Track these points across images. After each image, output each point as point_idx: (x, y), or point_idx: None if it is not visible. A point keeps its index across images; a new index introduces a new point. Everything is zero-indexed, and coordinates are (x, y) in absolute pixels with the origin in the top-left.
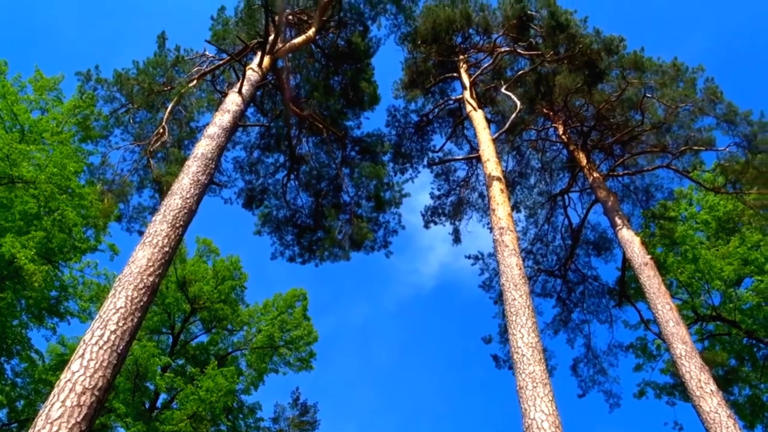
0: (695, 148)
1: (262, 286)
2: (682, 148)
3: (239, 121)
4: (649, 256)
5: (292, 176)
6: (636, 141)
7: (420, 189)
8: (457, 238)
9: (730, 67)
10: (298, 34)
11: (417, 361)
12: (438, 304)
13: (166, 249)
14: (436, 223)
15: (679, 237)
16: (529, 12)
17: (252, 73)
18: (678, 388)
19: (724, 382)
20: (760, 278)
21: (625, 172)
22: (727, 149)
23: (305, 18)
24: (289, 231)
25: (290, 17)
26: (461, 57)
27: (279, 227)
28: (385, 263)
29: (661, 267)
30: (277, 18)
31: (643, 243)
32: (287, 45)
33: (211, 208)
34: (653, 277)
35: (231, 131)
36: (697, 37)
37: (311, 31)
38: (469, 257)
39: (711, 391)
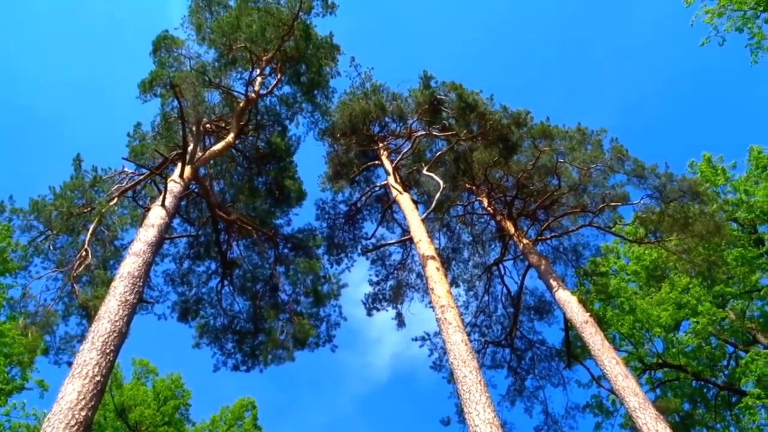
0: (612, 204)
1: (210, 400)
2: (601, 206)
3: (165, 234)
4: (588, 314)
5: (225, 282)
6: (557, 204)
7: (360, 278)
8: (401, 321)
9: (635, 127)
10: (217, 141)
11: None
12: (395, 395)
13: (98, 378)
14: (378, 310)
15: (613, 291)
16: (438, 96)
17: (174, 185)
18: None
19: (683, 428)
20: (695, 320)
21: (552, 234)
22: (642, 202)
23: (223, 125)
24: (229, 339)
25: (208, 125)
26: (381, 144)
27: (218, 336)
28: (335, 362)
29: (602, 322)
30: (194, 128)
31: (580, 301)
32: (207, 153)
33: (144, 326)
34: (595, 333)
35: (157, 246)
36: (604, 103)
37: (230, 137)
38: (416, 339)
39: None
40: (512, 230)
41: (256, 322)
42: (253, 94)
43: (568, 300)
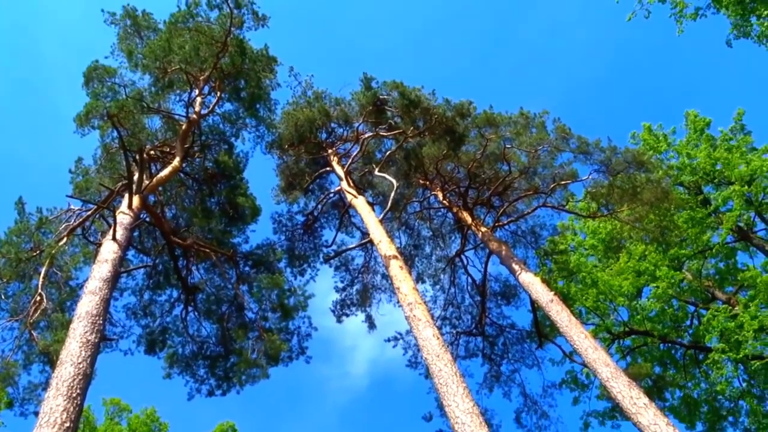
0: (562, 182)
1: (190, 429)
2: (552, 186)
3: (120, 267)
4: (552, 293)
5: (190, 308)
6: (510, 189)
7: (327, 287)
8: (371, 324)
9: (577, 106)
10: (163, 167)
11: None
12: (377, 400)
13: (67, 425)
14: (347, 316)
15: (574, 267)
16: (381, 96)
17: (123, 217)
18: (616, 410)
19: (656, 391)
20: (655, 285)
21: (509, 219)
22: (590, 177)
23: (167, 149)
24: (200, 365)
25: (152, 152)
26: (330, 151)
27: (189, 364)
28: (314, 376)
29: (567, 298)
30: (137, 156)
31: (544, 281)
32: (154, 180)
33: (111, 364)
34: (561, 311)
35: (113, 281)
36: (544, 85)
37: (176, 161)
38: (388, 340)
39: (644, 404)
40: (469, 220)
41: (226, 344)
42: (194, 115)
43: (531, 281)
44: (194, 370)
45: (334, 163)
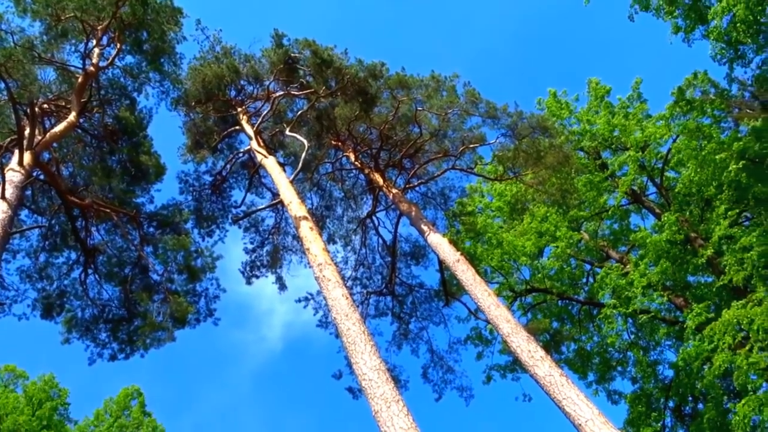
0: (471, 146)
1: (97, 395)
2: (461, 149)
3: (11, 228)
4: (459, 253)
5: (89, 271)
6: (421, 151)
7: (238, 248)
8: (282, 285)
9: (490, 71)
10: (58, 122)
11: (288, 428)
12: (292, 363)
13: None
14: (257, 277)
15: (480, 228)
16: (293, 54)
17: (13, 174)
18: (516, 363)
19: (554, 345)
20: (555, 245)
21: (420, 181)
22: (497, 141)
23: (63, 104)
24: (101, 329)
25: (45, 106)
26: (240, 109)
27: (89, 328)
28: (229, 341)
29: (474, 258)
30: (29, 110)
31: (451, 242)
32: (48, 136)
33: (5, 329)
34: (467, 270)
35: (3, 242)
36: (458, 49)
37: (72, 116)
38: (299, 301)
39: (540, 357)
40: (381, 182)
41: (129, 307)
42: (92, 68)
43: (439, 242)
44: (95, 335)
45: (244, 122)
